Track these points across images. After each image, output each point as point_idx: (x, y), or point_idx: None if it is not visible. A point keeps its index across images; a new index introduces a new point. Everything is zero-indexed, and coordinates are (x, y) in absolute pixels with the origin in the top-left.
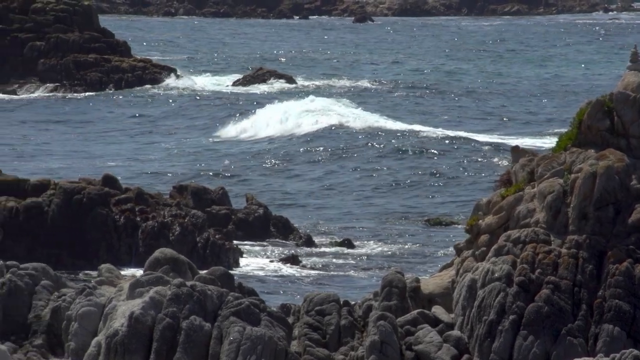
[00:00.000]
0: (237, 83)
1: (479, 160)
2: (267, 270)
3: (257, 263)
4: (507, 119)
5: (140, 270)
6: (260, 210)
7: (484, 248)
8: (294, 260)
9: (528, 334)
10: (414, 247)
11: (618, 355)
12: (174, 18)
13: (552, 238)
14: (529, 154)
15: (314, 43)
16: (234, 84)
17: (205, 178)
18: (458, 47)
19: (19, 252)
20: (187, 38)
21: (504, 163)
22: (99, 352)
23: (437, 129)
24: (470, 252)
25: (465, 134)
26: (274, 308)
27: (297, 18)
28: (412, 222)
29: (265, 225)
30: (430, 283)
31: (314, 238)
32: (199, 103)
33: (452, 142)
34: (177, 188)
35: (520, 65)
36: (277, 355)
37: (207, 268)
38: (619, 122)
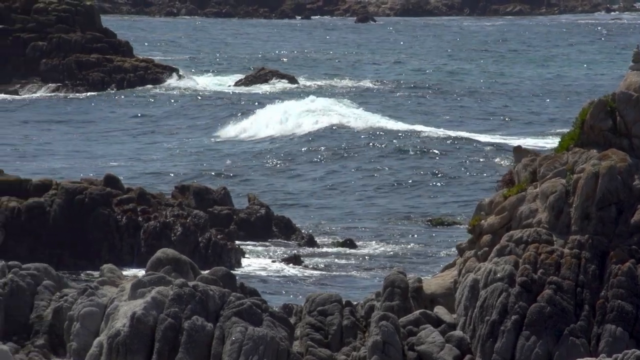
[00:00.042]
0: (239, 83)
1: (481, 161)
2: (269, 271)
3: (259, 263)
4: (509, 119)
5: (142, 271)
6: (262, 211)
7: (487, 248)
8: (296, 261)
9: (530, 334)
10: (416, 247)
11: (620, 356)
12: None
13: (554, 238)
14: (532, 154)
15: (316, 43)
16: (236, 84)
17: (207, 178)
18: (460, 47)
19: (21, 252)
20: (189, 38)
21: (506, 163)
22: (101, 352)
23: (439, 129)
24: (473, 252)
25: (468, 134)
26: (276, 308)
27: (299, 18)
28: (414, 222)
29: (267, 226)
30: (433, 283)
31: (316, 238)
32: (201, 103)
33: (454, 142)
34: (179, 188)
35: (523, 66)
36: (279, 356)
37: (209, 268)
38: (622, 122)
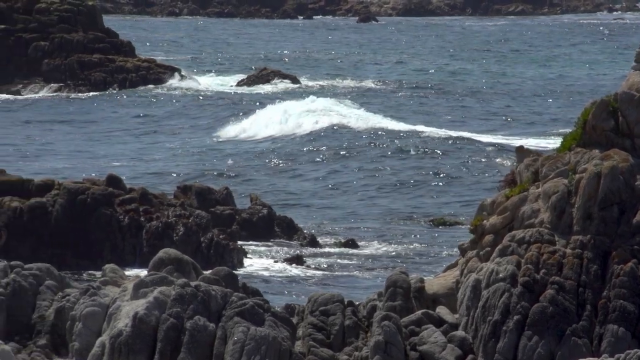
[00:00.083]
0: (241, 83)
1: (483, 161)
2: (271, 271)
3: (261, 263)
4: (511, 119)
5: (145, 271)
6: (265, 211)
7: (489, 248)
8: (298, 261)
9: (532, 335)
10: (419, 247)
11: (623, 356)
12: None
13: (556, 238)
14: (534, 154)
15: (318, 43)
16: (238, 84)
17: (209, 178)
18: (462, 47)
19: (23, 252)
20: (191, 38)
21: (508, 163)
22: (103, 352)
23: (441, 129)
24: (475, 252)
25: (470, 134)
26: (278, 308)
27: (301, 18)
28: (416, 222)
29: (270, 226)
30: (435, 283)
31: (318, 238)
32: (203, 103)
33: (456, 142)
34: (181, 188)
35: (525, 66)
36: (281, 356)
37: (211, 268)
38: (624, 122)
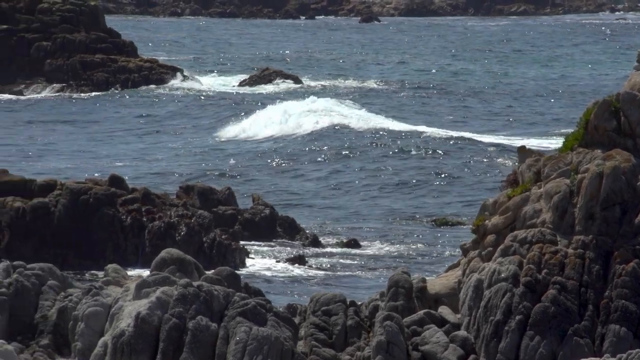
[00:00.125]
0: (243, 83)
1: (485, 161)
2: (273, 271)
3: (263, 263)
4: (513, 120)
5: (147, 271)
6: (267, 211)
7: (491, 248)
8: (301, 261)
9: (534, 334)
10: (421, 247)
11: (625, 356)
12: (180, 18)
13: (558, 238)
14: (536, 154)
15: (320, 43)
16: (240, 84)
17: (211, 178)
18: (464, 47)
19: (26, 252)
20: (193, 38)
21: (510, 163)
22: (106, 352)
23: (442, 130)
24: (477, 252)
25: (471, 135)
26: (281, 308)
27: (303, 18)
28: (418, 222)
29: (272, 226)
30: (437, 283)
31: (321, 238)
32: (205, 103)
33: (458, 142)
34: (183, 188)
35: (527, 66)
36: (283, 356)
37: (213, 268)
38: (626, 122)
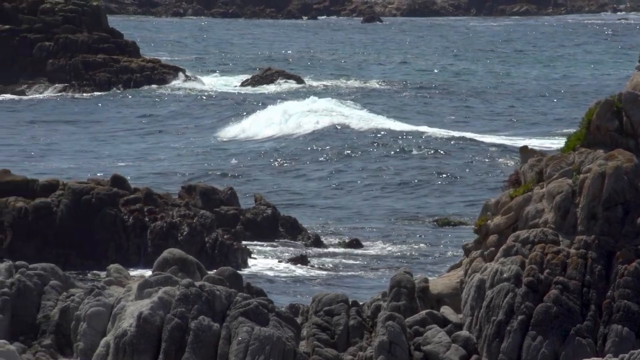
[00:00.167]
0: (245, 83)
1: (487, 161)
2: (275, 271)
3: (265, 263)
4: (515, 120)
5: (149, 271)
6: (269, 211)
7: (493, 248)
8: (303, 261)
9: (537, 334)
10: (423, 247)
11: (627, 356)
12: (183, 18)
13: (560, 238)
14: (538, 154)
15: (322, 43)
16: (242, 85)
17: (213, 178)
18: (466, 47)
19: (28, 252)
20: (195, 38)
21: (512, 163)
22: (108, 352)
23: (444, 130)
24: (479, 252)
25: (473, 135)
26: (283, 308)
27: (305, 18)
28: (420, 222)
29: (274, 226)
30: (439, 283)
31: (323, 238)
32: (207, 103)
33: (460, 142)
34: (185, 188)
35: (529, 66)
36: (285, 356)
37: (215, 268)
38: (628, 122)
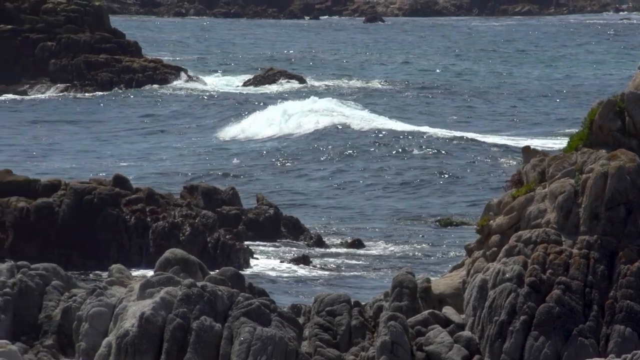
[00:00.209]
0: (247, 83)
1: (489, 161)
2: (277, 271)
3: (267, 263)
4: (517, 120)
5: (151, 271)
6: (271, 211)
7: (495, 248)
8: (305, 261)
9: (539, 335)
10: (425, 247)
11: (629, 356)
12: (185, 18)
13: (563, 238)
14: (540, 154)
15: (324, 43)
16: (244, 85)
17: (215, 178)
18: (468, 47)
19: (30, 252)
20: (197, 38)
21: (514, 163)
22: (110, 352)
23: (446, 130)
24: (481, 252)
25: (475, 135)
26: (285, 308)
27: (307, 18)
28: (422, 222)
29: (276, 226)
30: (441, 283)
31: (325, 238)
32: (209, 103)
33: (462, 142)
34: (187, 188)
35: (531, 66)
36: (287, 356)
37: (217, 268)
38: (630, 122)
